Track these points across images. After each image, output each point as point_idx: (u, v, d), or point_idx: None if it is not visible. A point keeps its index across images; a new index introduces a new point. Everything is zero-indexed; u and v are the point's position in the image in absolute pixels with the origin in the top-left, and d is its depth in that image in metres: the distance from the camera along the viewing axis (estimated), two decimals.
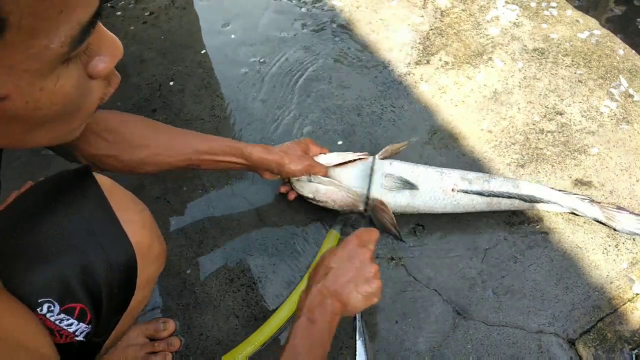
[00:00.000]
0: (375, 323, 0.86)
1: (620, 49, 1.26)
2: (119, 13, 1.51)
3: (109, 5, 1.54)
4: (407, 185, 0.91)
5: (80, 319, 0.50)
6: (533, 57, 1.25)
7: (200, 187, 1.07)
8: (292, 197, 0.98)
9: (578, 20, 1.34)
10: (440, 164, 1.05)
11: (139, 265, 0.56)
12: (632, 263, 0.90)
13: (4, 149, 0.52)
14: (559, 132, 1.10)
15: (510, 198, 0.92)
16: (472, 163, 1.06)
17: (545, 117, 1.13)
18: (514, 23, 1.34)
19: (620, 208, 0.94)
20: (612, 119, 1.11)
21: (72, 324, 0.50)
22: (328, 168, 0.94)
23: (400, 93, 1.21)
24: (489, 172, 1.04)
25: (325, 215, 0.99)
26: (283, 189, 0.99)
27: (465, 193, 0.92)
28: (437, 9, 1.40)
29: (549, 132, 1.10)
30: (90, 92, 0.37)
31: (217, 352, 0.85)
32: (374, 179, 0.93)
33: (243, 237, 0.99)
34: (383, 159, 0.97)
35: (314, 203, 0.96)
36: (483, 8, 1.39)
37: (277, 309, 0.86)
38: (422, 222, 0.97)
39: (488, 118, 1.14)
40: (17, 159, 1.15)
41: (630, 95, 1.16)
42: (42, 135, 0.36)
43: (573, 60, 1.24)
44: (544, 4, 1.39)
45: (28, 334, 0.43)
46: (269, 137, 1.14)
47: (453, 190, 0.92)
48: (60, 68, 0.32)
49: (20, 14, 0.27)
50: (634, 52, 1.25)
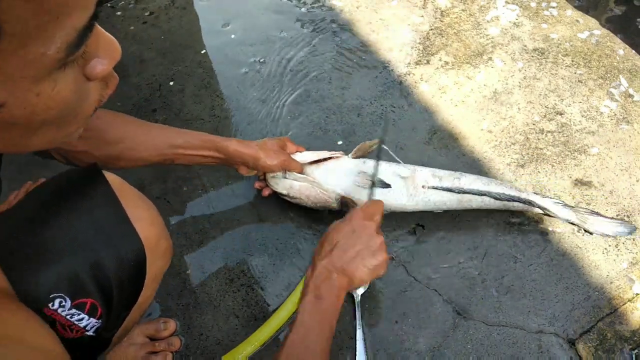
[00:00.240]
0: (375, 323, 0.86)
1: (620, 49, 1.26)
2: (119, 13, 1.51)
3: (109, 6, 1.54)
4: (380, 184, 0.92)
5: (91, 314, 0.51)
6: (533, 57, 1.25)
7: (200, 187, 1.07)
8: (266, 193, 0.98)
9: (578, 20, 1.34)
10: (440, 164, 1.05)
11: (148, 261, 0.57)
12: (632, 263, 0.90)
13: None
14: (559, 132, 1.10)
15: (482, 195, 0.92)
16: (472, 163, 1.06)
17: (545, 117, 1.13)
18: (514, 23, 1.34)
19: (594, 212, 0.94)
20: (612, 119, 1.11)
21: (82, 319, 0.50)
22: (303, 165, 0.94)
23: (400, 93, 1.21)
24: (489, 172, 1.04)
25: (326, 215, 0.99)
26: (258, 185, 1.00)
27: (435, 190, 0.92)
28: (437, 9, 1.40)
29: (549, 132, 1.10)
30: (88, 94, 0.36)
31: (217, 352, 0.85)
32: (347, 176, 0.93)
33: (243, 237, 0.99)
34: (355, 158, 0.97)
35: (288, 200, 0.96)
36: (483, 8, 1.39)
37: (277, 309, 0.86)
38: (422, 222, 0.97)
39: (488, 118, 1.14)
40: (17, 159, 1.15)
41: (630, 95, 1.16)
42: (40, 139, 0.35)
43: (573, 60, 1.24)
44: (544, 4, 1.39)
45: (38, 335, 0.44)
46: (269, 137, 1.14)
47: (424, 187, 0.92)
48: (57, 73, 0.31)
49: (16, 22, 0.26)
50: (634, 52, 1.25)
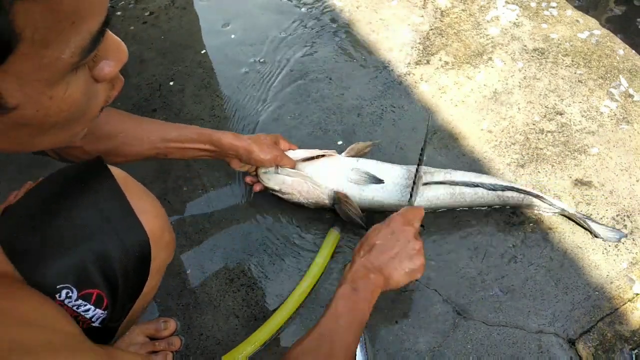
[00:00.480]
0: (375, 323, 0.86)
1: (620, 49, 1.26)
2: (119, 13, 1.51)
3: (109, 6, 1.53)
4: (373, 180, 0.92)
5: (97, 305, 0.52)
6: (533, 57, 1.25)
7: (200, 187, 1.07)
8: (257, 188, 0.98)
9: (578, 20, 1.34)
10: (440, 164, 1.05)
11: (152, 252, 0.58)
12: (632, 263, 0.90)
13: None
14: (559, 132, 1.10)
15: (475, 187, 0.92)
16: (472, 163, 1.06)
17: (545, 117, 1.13)
18: (514, 23, 1.34)
19: (587, 217, 0.94)
20: (612, 119, 1.11)
21: (89, 310, 0.51)
22: (296, 162, 0.95)
23: (400, 93, 1.21)
24: (489, 172, 1.04)
25: (326, 215, 0.99)
26: (249, 180, 0.99)
27: (428, 185, 0.92)
28: (437, 9, 1.40)
29: (549, 132, 1.10)
30: (97, 95, 0.37)
31: (217, 352, 0.85)
32: (340, 173, 0.94)
33: (243, 237, 0.99)
34: (349, 158, 0.97)
35: (280, 196, 0.96)
36: (483, 8, 1.39)
37: (277, 309, 0.86)
38: (422, 222, 0.97)
39: (488, 118, 1.14)
40: (17, 159, 1.15)
41: (630, 95, 1.16)
42: (48, 139, 0.36)
43: (573, 60, 1.24)
44: (544, 4, 1.39)
45: (53, 317, 0.45)
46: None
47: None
48: (70, 76, 0.32)
49: (34, 28, 0.27)
50: (634, 52, 1.25)
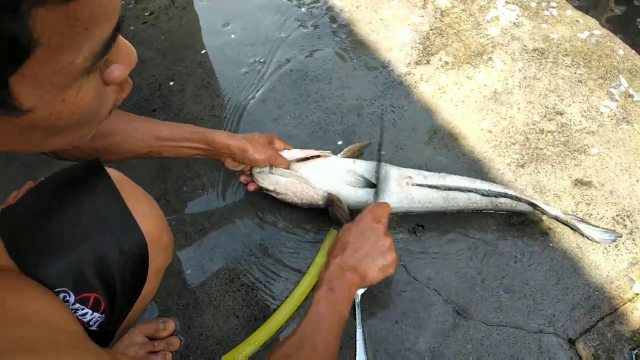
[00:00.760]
0: (375, 323, 0.86)
1: (620, 49, 1.26)
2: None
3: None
4: (367, 183, 0.92)
5: (95, 309, 0.52)
6: (533, 57, 1.25)
7: (200, 187, 1.07)
8: (251, 188, 0.98)
9: (578, 20, 1.34)
10: (440, 164, 1.06)
11: (150, 254, 0.58)
12: (632, 263, 0.90)
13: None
14: (559, 132, 1.10)
15: (468, 192, 0.92)
16: (472, 163, 1.06)
17: (545, 117, 1.13)
18: (514, 23, 1.34)
19: (581, 219, 0.93)
20: (612, 119, 1.11)
21: (86, 314, 0.51)
22: (291, 162, 0.95)
23: (400, 93, 1.21)
24: (489, 172, 1.04)
25: (325, 215, 0.99)
26: (243, 179, 0.99)
27: (420, 187, 0.92)
28: (437, 9, 1.40)
29: (549, 132, 1.10)
30: (107, 98, 0.38)
31: (217, 352, 0.85)
32: (335, 174, 0.94)
33: (243, 237, 0.99)
34: (344, 159, 0.98)
35: (274, 196, 0.96)
36: (483, 8, 1.39)
37: (277, 309, 0.86)
38: (422, 222, 0.97)
39: (488, 118, 1.14)
40: (17, 159, 1.15)
41: (630, 95, 1.16)
42: (59, 140, 0.37)
43: (573, 60, 1.24)
44: (544, 4, 1.39)
45: (58, 316, 0.45)
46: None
47: (407, 184, 0.92)
48: (82, 80, 0.33)
49: (50, 34, 0.28)
50: (634, 52, 1.25)
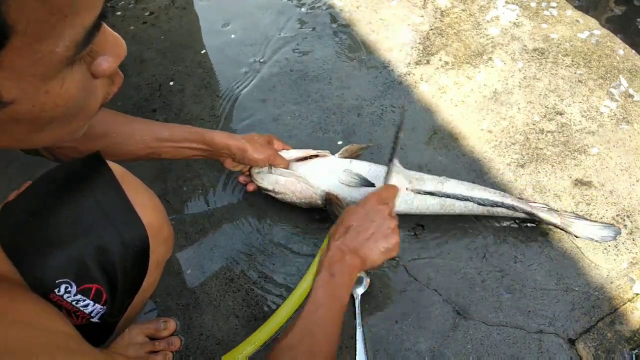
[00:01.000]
0: (375, 323, 0.86)
1: (620, 49, 1.26)
2: (119, 13, 1.51)
3: (109, 5, 1.54)
4: (364, 182, 0.92)
5: (96, 300, 0.52)
6: (533, 57, 1.25)
7: (200, 187, 1.07)
8: (250, 188, 0.98)
9: (578, 20, 1.34)
10: (440, 164, 1.06)
11: (151, 246, 0.58)
12: (632, 263, 0.90)
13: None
14: (559, 132, 1.10)
15: (465, 200, 0.91)
16: (472, 163, 1.06)
17: (545, 117, 1.13)
18: (514, 23, 1.34)
19: (579, 216, 0.93)
20: (612, 119, 1.11)
21: (87, 305, 0.51)
22: (289, 162, 0.95)
23: (400, 93, 1.21)
24: (489, 172, 1.04)
25: (325, 215, 0.99)
26: (242, 179, 1.00)
27: (418, 193, 0.92)
28: (437, 9, 1.40)
29: (549, 132, 1.10)
30: (95, 91, 0.37)
31: (217, 352, 0.85)
32: (332, 173, 0.94)
33: (243, 237, 0.99)
34: (342, 159, 0.98)
35: (273, 196, 0.96)
36: (483, 8, 1.39)
37: (277, 309, 0.86)
38: (422, 222, 0.97)
39: (488, 118, 1.14)
40: (17, 159, 1.15)
41: (630, 95, 1.16)
42: (46, 135, 0.36)
43: (573, 60, 1.24)
44: (544, 4, 1.39)
45: (51, 319, 0.45)
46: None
47: (407, 189, 0.92)
48: (65, 71, 0.32)
49: (27, 21, 0.26)
50: (634, 52, 1.25)
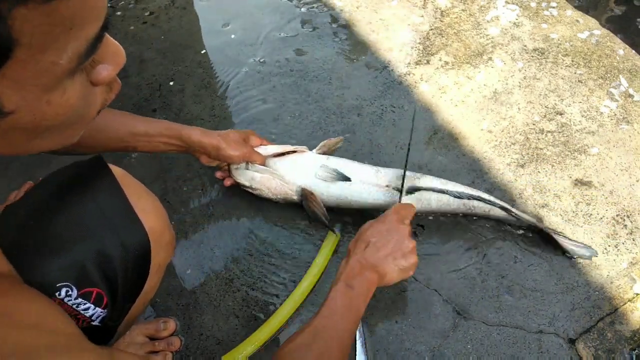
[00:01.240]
0: (375, 323, 0.86)
1: (620, 49, 1.26)
2: (119, 13, 1.51)
3: (109, 6, 1.54)
4: (340, 177, 0.92)
5: (97, 304, 0.52)
6: (533, 57, 1.25)
7: (200, 187, 1.07)
8: (227, 183, 0.99)
9: (578, 20, 1.34)
10: (440, 164, 1.06)
11: (152, 251, 0.58)
12: (632, 263, 0.90)
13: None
14: (559, 132, 1.10)
15: (442, 193, 0.91)
16: (472, 163, 1.06)
17: (545, 117, 1.13)
18: (514, 23, 1.34)
19: (557, 233, 0.92)
20: (612, 119, 1.11)
21: (88, 309, 0.51)
22: (266, 158, 0.95)
23: (400, 93, 1.21)
24: (489, 172, 1.04)
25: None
26: (219, 175, 1.00)
27: (397, 190, 0.91)
28: (437, 9, 1.40)
29: (549, 132, 1.10)
30: (94, 99, 0.37)
31: (217, 352, 0.85)
32: (309, 169, 0.94)
33: (243, 237, 0.99)
34: (320, 154, 0.98)
35: (250, 191, 0.97)
36: (483, 8, 1.39)
37: (277, 309, 0.86)
38: (422, 222, 0.97)
39: (488, 118, 1.14)
40: (17, 159, 1.15)
41: (630, 95, 1.16)
42: (44, 142, 0.36)
43: (573, 60, 1.24)
44: (544, 4, 1.39)
45: (54, 318, 0.45)
46: (269, 137, 1.14)
47: (387, 187, 0.92)
48: (67, 80, 0.32)
49: (32, 34, 0.26)
50: (634, 52, 1.25)
